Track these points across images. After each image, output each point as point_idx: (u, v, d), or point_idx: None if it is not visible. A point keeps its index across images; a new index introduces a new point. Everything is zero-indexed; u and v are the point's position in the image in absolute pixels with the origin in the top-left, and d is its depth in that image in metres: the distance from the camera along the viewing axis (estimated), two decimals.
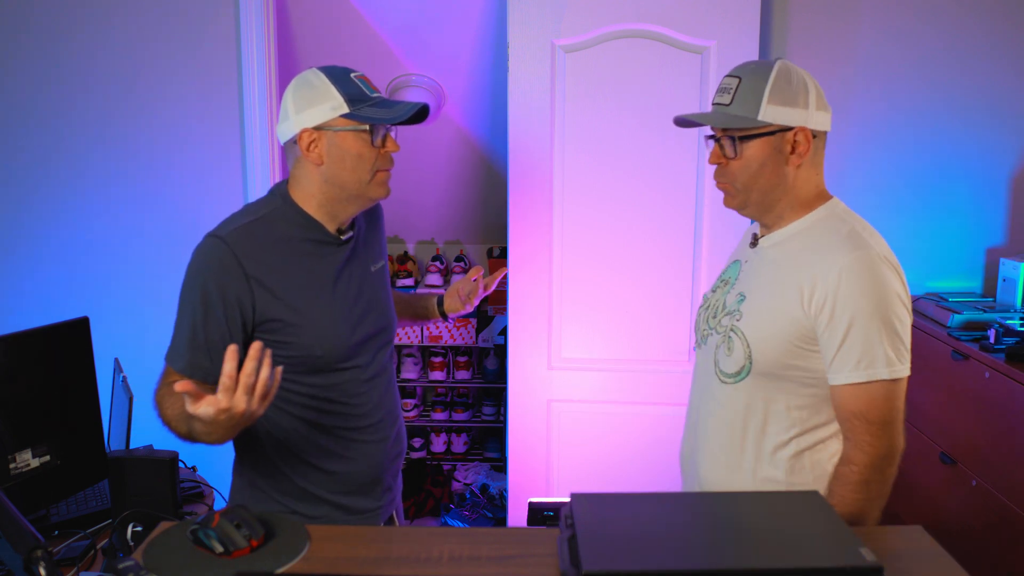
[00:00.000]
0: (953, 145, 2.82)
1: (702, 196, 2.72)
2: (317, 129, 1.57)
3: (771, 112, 1.45)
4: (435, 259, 4.02)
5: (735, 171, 1.50)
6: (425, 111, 1.60)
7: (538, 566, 1.16)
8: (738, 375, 1.51)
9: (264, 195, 1.71)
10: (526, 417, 2.87)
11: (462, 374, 4.04)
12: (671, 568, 1.02)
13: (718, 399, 1.56)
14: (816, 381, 1.47)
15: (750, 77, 1.48)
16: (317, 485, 1.66)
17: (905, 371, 1.42)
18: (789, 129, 1.47)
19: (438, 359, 4.02)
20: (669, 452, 1.79)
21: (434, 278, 3.93)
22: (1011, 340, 2.34)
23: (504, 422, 3.63)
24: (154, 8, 2.77)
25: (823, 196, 1.54)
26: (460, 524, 3.59)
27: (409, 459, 3.97)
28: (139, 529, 1.66)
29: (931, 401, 2.59)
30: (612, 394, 2.83)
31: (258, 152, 2.83)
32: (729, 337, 1.52)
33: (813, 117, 1.47)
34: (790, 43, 2.76)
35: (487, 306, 4.01)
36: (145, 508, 1.73)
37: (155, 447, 1.95)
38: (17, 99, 2.82)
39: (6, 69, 2.80)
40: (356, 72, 1.61)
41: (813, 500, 1.21)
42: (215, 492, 2.15)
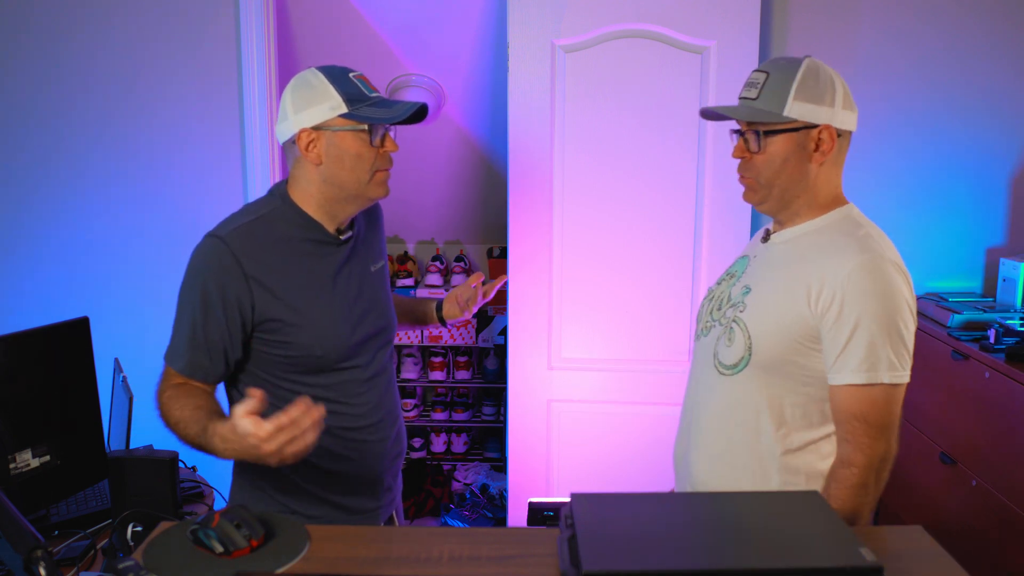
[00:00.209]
0: (953, 145, 2.82)
1: (702, 196, 2.72)
2: (316, 129, 1.56)
3: (797, 108, 1.46)
4: (435, 259, 4.02)
5: (759, 165, 1.50)
6: (424, 111, 1.60)
7: (538, 566, 1.16)
8: (736, 367, 1.50)
9: (263, 195, 1.71)
10: (526, 417, 2.87)
11: (462, 374, 4.04)
12: (671, 568, 1.02)
13: (714, 391, 1.55)
14: (814, 380, 1.47)
15: (778, 73, 1.48)
16: (317, 485, 1.66)
17: (906, 377, 1.42)
18: (814, 127, 1.47)
19: (438, 359, 4.02)
20: (669, 452, 1.79)
21: (434, 278, 3.93)
22: (1011, 340, 2.34)
23: (504, 422, 3.63)
24: (154, 8, 2.77)
25: (840, 200, 1.54)
26: (460, 524, 3.59)
27: (409, 459, 3.97)
28: (139, 529, 1.66)
29: (931, 401, 2.59)
30: (612, 394, 2.83)
31: (258, 152, 2.83)
32: (731, 328, 1.52)
33: (839, 116, 1.47)
34: (790, 43, 2.76)
35: (487, 306, 4.01)
36: (145, 508, 1.72)
37: (155, 447, 1.95)
38: (17, 99, 2.82)
39: (6, 69, 2.80)
40: (355, 72, 1.61)
41: (813, 500, 1.21)
42: (215, 492, 2.15)
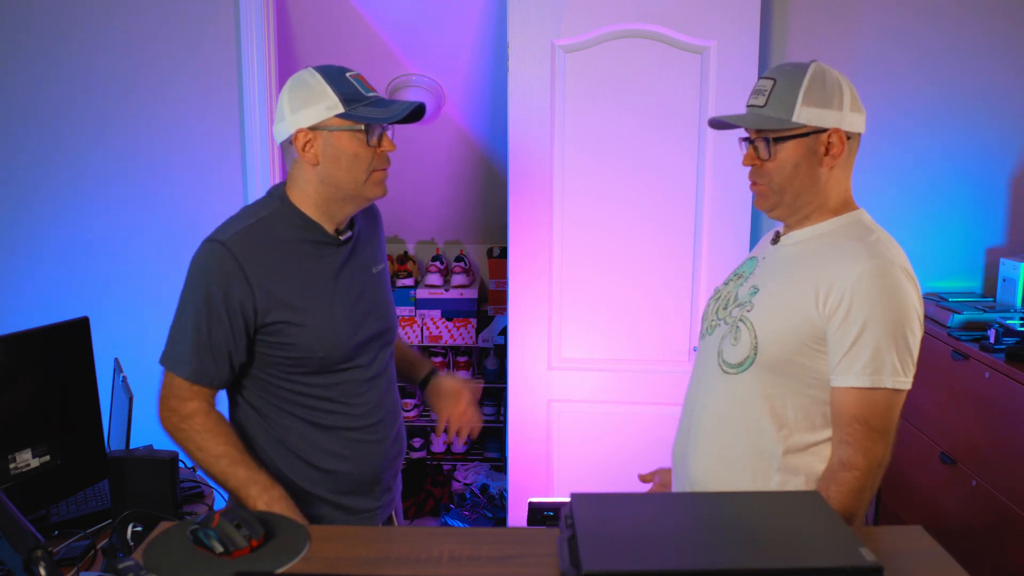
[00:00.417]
0: (953, 145, 2.82)
1: (702, 196, 2.72)
2: (312, 129, 1.56)
3: (806, 113, 1.46)
4: (435, 259, 4.02)
5: (770, 172, 1.50)
6: (421, 110, 1.60)
7: (538, 566, 1.16)
8: (741, 366, 1.50)
9: (262, 197, 1.71)
10: (526, 417, 2.87)
11: (462, 374, 4.03)
12: (671, 568, 1.02)
13: (717, 390, 1.55)
14: (817, 383, 1.46)
15: (785, 79, 1.48)
16: (316, 485, 1.66)
17: (908, 383, 1.42)
18: (824, 130, 1.47)
19: (438, 359, 4.01)
20: (669, 452, 1.79)
21: (434, 278, 3.93)
22: (1011, 340, 2.34)
23: (504, 422, 3.63)
24: (154, 8, 2.77)
25: (849, 204, 1.54)
26: (460, 524, 3.59)
27: (409, 459, 3.97)
28: (139, 529, 1.66)
29: (931, 401, 2.59)
30: (612, 394, 2.83)
31: (258, 152, 2.83)
32: (737, 327, 1.52)
33: (847, 118, 1.48)
34: (790, 43, 2.76)
35: (487, 306, 4.01)
36: (145, 508, 1.72)
37: (155, 447, 1.95)
38: (17, 99, 2.82)
39: (6, 69, 2.80)
40: (352, 71, 1.60)
41: (813, 500, 1.21)
42: (215, 492, 2.15)
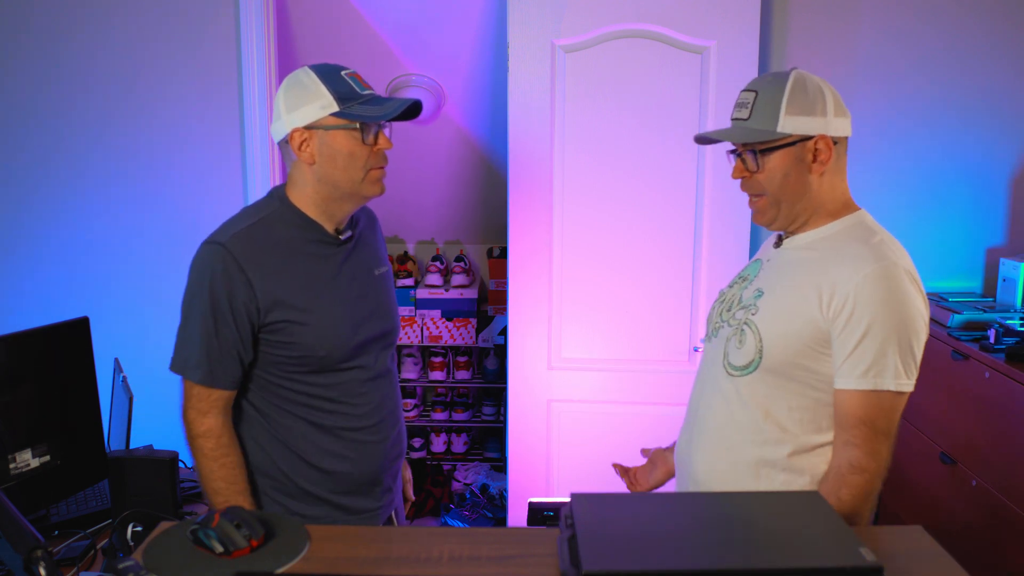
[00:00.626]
0: (953, 145, 2.82)
1: (702, 196, 2.72)
2: (308, 128, 1.56)
3: (790, 123, 1.46)
4: (435, 259, 4.01)
5: (761, 183, 1.51)
6: (416, 107, 1.60)
7: (538, 566, 1.16)
8: (746, 368, 1.50)
9: (263, 197, 1.71)
10: (526, 417, 2.87)
11: (462, 374, 4.03)
12: (671, 568, 1.02)
13: (722, 392, 1.55)
14: (822, 385, 1.46)
15: (766, 89, 1.48)
16: (317, 485, 1.66)
17: (910, 386, 1.42)
18: (809, 138, 1.47)
19: (438, 359, 4.01)
20: None
21: (434, 278, 3.92)
22: (1011, 340, 2.34)
23: (504, 422, 3.63)
24: (154, 8, 2.77)
25: (850, 206, 1.54)
26: (460, 524, 3.59)
27: (409, 459, 3.96)
28: (139, 529, 1.66)
29: (931, 401, 2.59)
30: (612, 394, 2.83)
31: (258, 152, 2.83)
32: (742, 330, 1.52)
33: (832, 124, 1.48)
34: (790, 43, 2.76)
35: (487, 306, 4.01)
36: (145, 508, 1.72)
37: (155, 447, 1.95)
38: (17, 99, 2.82)
39: (6, 69, 2.80)
40: (348, 70, 1.60)
41: (813, 500, 1.21)
42: None
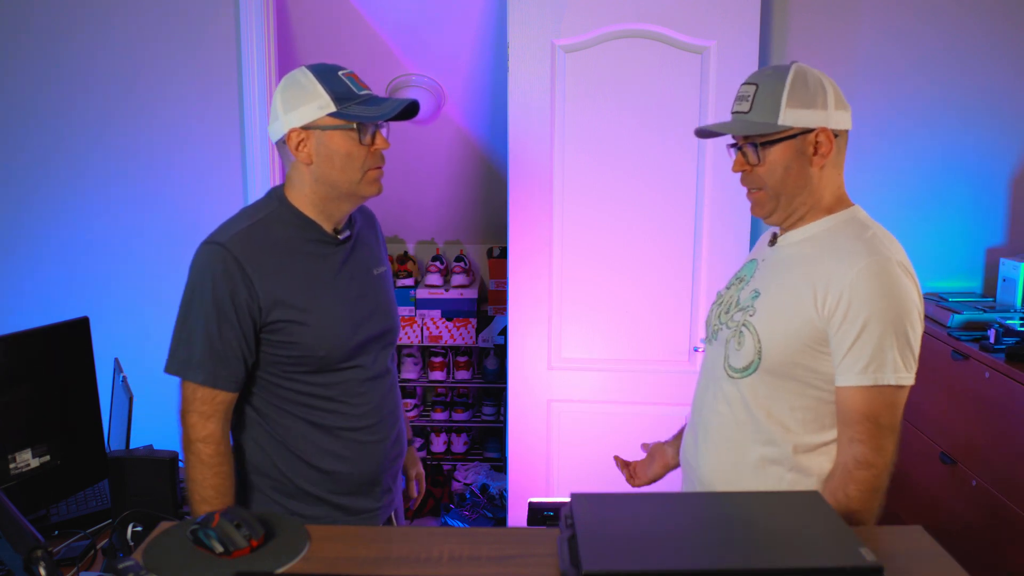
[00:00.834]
0: (953, 145, 2.82)
1: (702, 196, 2.72)
2: (305, 128, 1.56)
3: (791, 116, 1.46)
4: (435, 259, 4.01)
5: (762, 176, 1.50)
6: (414, 107, 1.60)
7: (538, 566, 1.16)
8: (746, 370, 1.51)
9: (261, 197, 1.71)
10: (526, 417, 2.87)
11: (462, 374, 4.04)
12: (671, 568, 1.02)
13: (724, 394, 1.56)
14: (822, 384, 1.46)
15: (767, 82, 1.48)
16: (316, 485, 1.66)
17: (910, 380, 1.42)
18: (810, 131, 1.47)
19: (438, 359, 4.01)
20: None
21: (434, 278, 3.92)
22: (1011, 340, 2.34)
23: (504, 422, 3.63)
24: (154, 8, 2.77)
25: (844, 201, 1.54)
26: (460, 524, 3.59)
27: None
28: (139, 529, 1.66)
29: (931, 401, 2.59)
30: (612, 394, 2.83)
31: (258, 152, 2.83)
32: (740, 332, 1.52)
33: (833, 117, 1.48)
34: (790, 43, 2.75)
35: (487, 306, 4.01)
36: (145, 508, 1.72)
37: (155, 447, 1.95)
38: (17, 99, 2.82)
39: (6, 69, 2.80)
40: (345, 70, 1.60)
41: (813, 500, 1.21)
42: None
